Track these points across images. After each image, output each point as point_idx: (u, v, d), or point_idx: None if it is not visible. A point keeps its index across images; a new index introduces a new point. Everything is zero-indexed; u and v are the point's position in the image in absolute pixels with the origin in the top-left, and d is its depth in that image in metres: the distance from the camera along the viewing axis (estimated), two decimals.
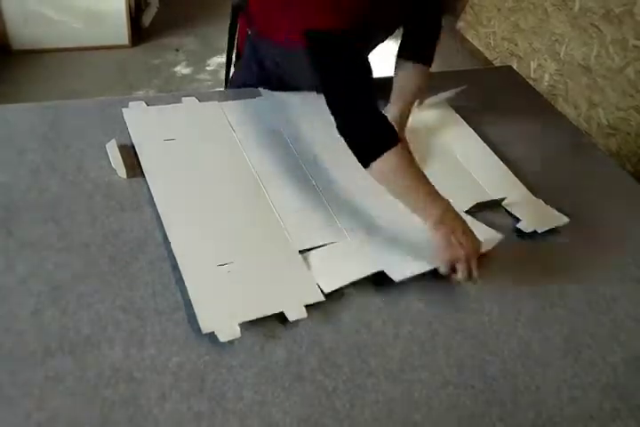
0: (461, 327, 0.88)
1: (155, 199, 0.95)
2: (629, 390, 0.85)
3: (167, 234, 0.89)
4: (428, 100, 1.27)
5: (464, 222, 0.89)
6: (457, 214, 0.89)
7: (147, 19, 2.91)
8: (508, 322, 0.90)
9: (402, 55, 1.15)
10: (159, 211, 0.93)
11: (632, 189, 1.25)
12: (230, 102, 1.20)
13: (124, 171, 0.97)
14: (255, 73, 1.26)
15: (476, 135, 1.26)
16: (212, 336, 0.78)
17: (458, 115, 1.31)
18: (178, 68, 2.72)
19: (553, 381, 0.84)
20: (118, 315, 0.78)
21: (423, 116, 1.30)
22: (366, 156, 0.90)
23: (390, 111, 1.13)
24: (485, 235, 0.98)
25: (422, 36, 1.16)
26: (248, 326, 0.80)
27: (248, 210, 0.98)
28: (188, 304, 0.81)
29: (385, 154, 0.88)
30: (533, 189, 1.15)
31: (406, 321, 0.87)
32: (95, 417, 0.68)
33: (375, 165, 0.89)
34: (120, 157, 0.98)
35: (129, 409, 0.69)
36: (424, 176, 0.91)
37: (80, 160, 1.00)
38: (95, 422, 0.67)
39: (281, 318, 0.82)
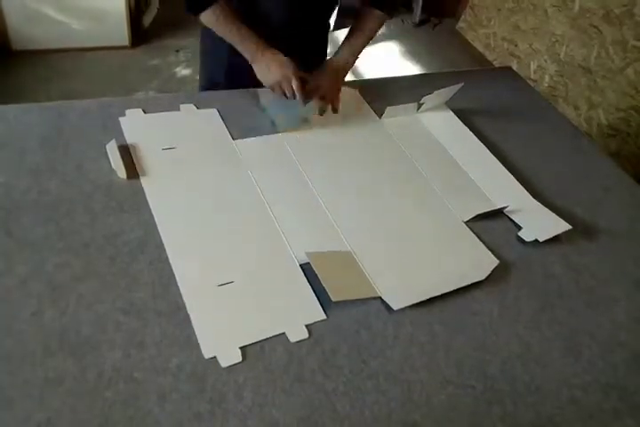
0: (461, 328, 0.88)
1: (154, 215, 0.93)
2: (629, 390, 0.85)
3: (167, 254, 0.87)
4: (427, 98, 1.26)
5: (275, 57, 1.11)
6: (269, 52, 1.11)
7: (147, 19, 2.92)
8: (508, 322, 0.90)
9: (364, 2, 1.23)
10: (159, 231, 0.91)
11: (632, 190, 1.25)
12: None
13: (124, 171, 0.97)
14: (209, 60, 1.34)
15: (477, 140, 1.25)
16: None
17: (459, 120, 1.30)
18: (178, 69, 2.72)
19: (553, 381, 0.84)
20: (118, 316, 0.78)
21: (424, 122, 1.30)
22: (191, 7, 1.08)
23: (341, 49, 1.23)
24: (484, 259, 0.99)
25: None
26: None
27: (249, 224, 0.96)
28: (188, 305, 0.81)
29: (203, 13, 1.08)
30: (532, 189, 1.15)
31: (406, 322, 0.87)
32: (95, 418, 0.68)
33: (201, 16, 1.09)
34: (120, 158, 0.98)
35: (129, 410, 0.69)
36: (239, 29, 1.10)
37: (80, 161, 1.00)
38: (95, 422, 0.67)
39: None
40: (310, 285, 0.88)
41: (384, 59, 3.21)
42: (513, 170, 1.19)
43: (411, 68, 3.14)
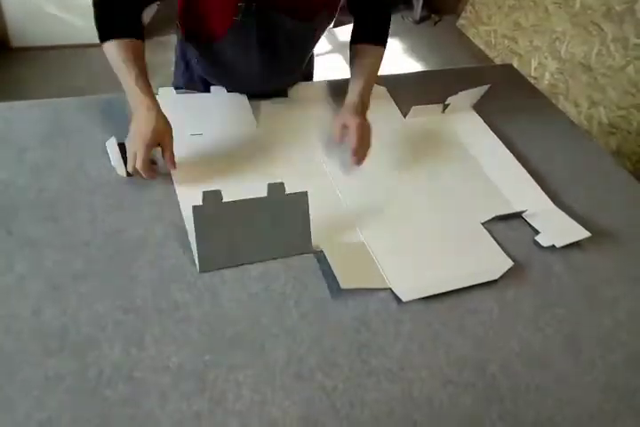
0: (461, 327, 0.88)
1: (179, 199, 0.96)
2: (629, 390, 0.85)
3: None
4: (452, 99, 1.26)
5: (149, 123, 0.91)
6: (149, 113, 0.92)
7: (146, 16, 2.91)
8: (508, 321, 0.90)
9: (355, 40, 1.16)
10: (182, 213, 0.93)
11: (632, 188, 1.25)
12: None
13: (124, 169, 0.97)
14: (182, 72, 1.30)
15: (501, 143, 1.25)
16: (211, 335, 0.78)
17: (483, 121, 1.31)
18: None
19: (553, 380, 0.84)
20: (118, 314, 0.78)
21: (448, 122, 1.30)
22: (100, 33, 0.96)
23: (349, 94, 1.12)
24: (498, 259, 0.99)
25: (374, 20, 1.17)
26: (248, 325, 0.81)
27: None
28: (188, 304, 0.81)
29: (112, 41, 0.94)
30: None
31: (406, 320, 0.87)
32: (95, 417, 0.68)
33: (105, 46, 0.95)
34: (120, 155, 0.97)
35: (129, 409, 0.69)
36: (139, 72, 0.94)
37: (80, 158, 0.99)
38: (95, 421, 0.67)
39: (281, 315, 0.83)
40: (322, 274, 0.89)
41: (384, 56, 3.20)
42: None
43: (411, 66, 3.13)
